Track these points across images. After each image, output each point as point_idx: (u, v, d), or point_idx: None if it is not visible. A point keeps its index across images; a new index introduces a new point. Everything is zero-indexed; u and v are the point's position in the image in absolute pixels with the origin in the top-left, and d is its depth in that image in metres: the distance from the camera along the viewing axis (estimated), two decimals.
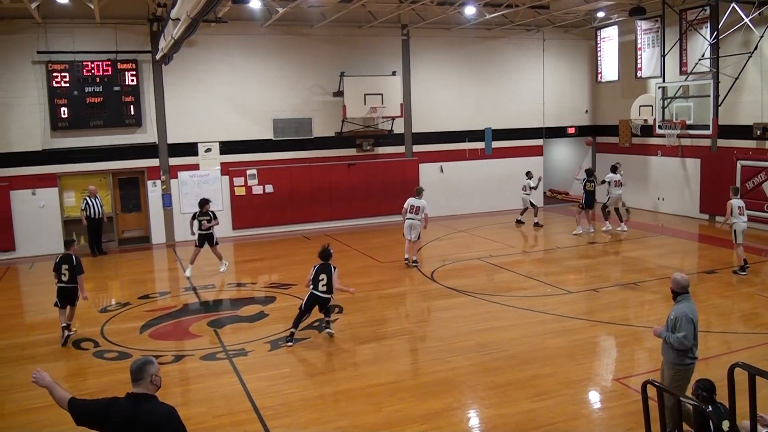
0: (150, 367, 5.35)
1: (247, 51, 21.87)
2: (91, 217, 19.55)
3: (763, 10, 19.42)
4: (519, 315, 13.09)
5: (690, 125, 21.23)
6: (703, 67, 21.13)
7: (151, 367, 5.36)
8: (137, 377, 5.33)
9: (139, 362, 5.40)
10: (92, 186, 19.93)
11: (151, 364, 5.38)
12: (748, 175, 20.76)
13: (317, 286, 11.86)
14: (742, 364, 6.31)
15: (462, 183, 25.08)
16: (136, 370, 5.34)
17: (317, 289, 11.82)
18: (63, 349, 11.80)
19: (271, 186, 22.40)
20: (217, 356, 11.23)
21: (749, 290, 14.46)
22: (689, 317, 7.44)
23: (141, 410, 5.19)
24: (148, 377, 5.32)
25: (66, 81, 19.55)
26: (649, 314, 12.57)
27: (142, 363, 5.37)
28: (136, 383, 5.33)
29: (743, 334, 11.63)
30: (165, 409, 5.27)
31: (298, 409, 9.09)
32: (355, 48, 23.12)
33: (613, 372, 10.41)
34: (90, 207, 19.49)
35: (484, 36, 24.98)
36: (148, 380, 5.31)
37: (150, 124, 20.93)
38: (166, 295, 15.57)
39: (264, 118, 22.29)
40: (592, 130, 27.59)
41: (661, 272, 16.02)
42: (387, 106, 22.37)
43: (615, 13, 23.87)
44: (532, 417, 8.63)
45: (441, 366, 10.52)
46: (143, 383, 5.31)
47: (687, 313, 7.47)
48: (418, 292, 15.23)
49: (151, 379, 5.33)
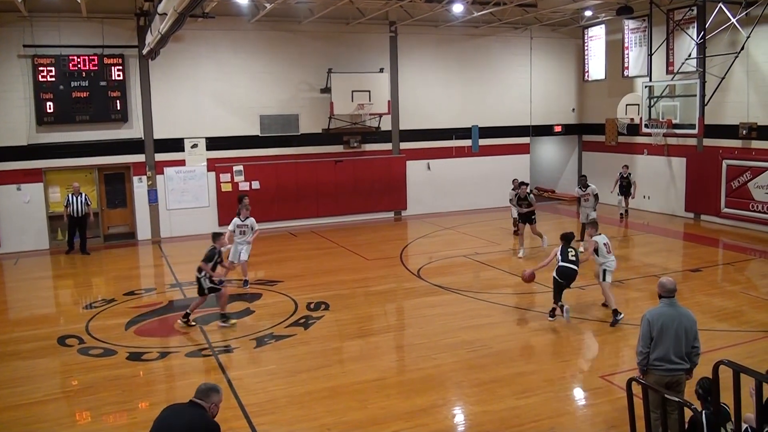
0: (215, 396, 5.89)
1: (234, 47, 21.78)
2: (72, 216, 19.12)
3: (750, 10, 19.53)
4: (504, 312, 13.12)
5: (676, 124, 21.31)
6: (690, 66, 21.21)
7: (216, 396, 5.90)
8: (201, 398, 5.82)
9: (209, 386, 5.95)
10: (76, 183, 19.63)
11: (216, 393, 5.92)
12: (734, 174, 20.89)
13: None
14: (727, 362, 6.33)
15: (449, 180, 25.09)
16: (204, 391, 5.88)
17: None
18: (48, 346, 11.71)
19: (258, 182, 22.33)
20: (203, 353, 11.20)
21: (734, 288, 14.57)
22: (647, 319, 7.35)
23: (196, 415, 5.72)
24: (210, 403, 5.83)
25: (52, 75, 19.39)
26: (634, 312, 12.60)
27: (210, 388, 5.92)
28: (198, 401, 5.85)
29: (728, 332, 11.71)
30: (214, 424, 5.80)
31: (284, 406, 9.08)
32: (342, 45, 23.08)
33: (598, 369, 10.45)
34: (71, 204, 19.07)
35: (471, 34, 25.00)
36: (209, 405, 5.82)
37: (136, 120, 20.81)
38: (152, 292, 15.51)
39: (251, 114, 22.21)
40: (579, 128, 27.71)
41: (646, 270, 16.12)
42: (374, 103, 22.34)
43: (602, 12, 23.94)
44: (517, 414, 8.66)
45: (427, 363, 10.54)
46: (204, 404, 5.81)
47: (646, 316, 7.40)
48: (404, 289, 15.23)
49: (210, 406, 5.83)
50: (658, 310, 7.39)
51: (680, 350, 7.26)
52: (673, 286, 7.46)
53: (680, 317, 7.32)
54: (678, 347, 7.25)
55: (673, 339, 7.24)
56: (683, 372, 7.33)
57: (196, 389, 5.91)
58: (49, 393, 9.78)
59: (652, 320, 7.33)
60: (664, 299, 7.44)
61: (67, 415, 9.14)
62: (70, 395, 9.80)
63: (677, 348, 7.24)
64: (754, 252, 18.16)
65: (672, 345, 7.23)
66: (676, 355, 7.24)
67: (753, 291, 14.39)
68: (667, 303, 7.41)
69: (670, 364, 7.25)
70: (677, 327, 7.26)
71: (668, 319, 7.28)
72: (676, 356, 7.24)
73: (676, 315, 7.33)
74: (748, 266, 16.91)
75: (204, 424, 5.72)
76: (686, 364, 7.31)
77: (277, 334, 12.04)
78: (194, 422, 5.71)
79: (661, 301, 7.46)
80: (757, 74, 20.09)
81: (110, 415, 9.01)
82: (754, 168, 20.25)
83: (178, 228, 21.51)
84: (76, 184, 19.49)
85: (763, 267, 16.90)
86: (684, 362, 7.29)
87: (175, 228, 21.51)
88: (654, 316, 7.34)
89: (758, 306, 13.20)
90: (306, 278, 16.13)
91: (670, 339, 7.24)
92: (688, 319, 7.36)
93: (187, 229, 21.46)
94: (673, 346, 7.23)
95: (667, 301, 7.42)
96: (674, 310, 7.37)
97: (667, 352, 7.23)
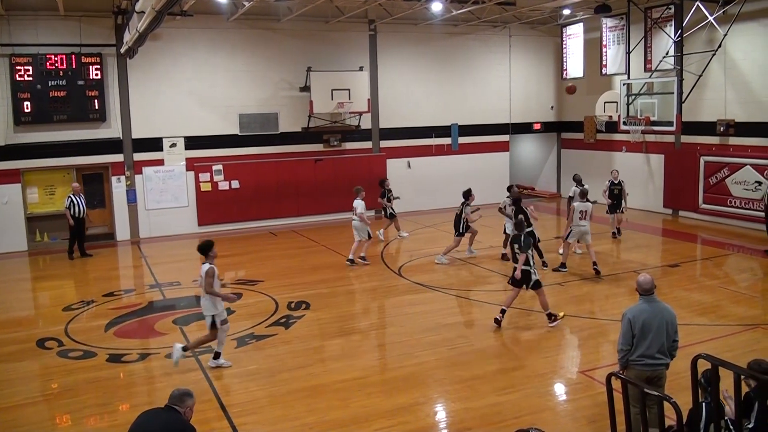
0: (189, 400, 6.06)
1: (212, 45, 21.67)
2: (77, 217, 18.60)
3: (727, 8, 19.69)
4: (485, 309, 13.16)
5: (654, 121, 21.48)
6: (668, 64, 21.38)
7: (190, 400, 6.08)
8: (175, 403, 5.99)
9: (182, 391, 6.11)
10: (76, 183, 19.40)
11: (190, 397, 6.09)
12: (712, 170, 21.10)
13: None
14: (705, 355, 6.39)
15: (429, 178, 25.10)
16: (177, 397, 6.02)
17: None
18: (27, 349, 11.60)
19: (238, 182, 22.24)
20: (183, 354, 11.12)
21: (712, 283, 14.72)
22: (628, 318, 7.39)
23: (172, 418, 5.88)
24: (185, 407, 6.00)
25: (29, 75, 19.18)
26: (614, 307, 12.70)
27: (183, 393, 6.07)
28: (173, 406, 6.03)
29: (707, 326, 11.82)
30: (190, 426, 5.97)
31: (266, 406, 9.06)
32: (322, 43, 23.03)
33: (579, 365, 10.52)
34: (75, 205, 18.56)
35: (450, 32, 25.04)
36: (183, 410, 5.98)
37: (114, 119, 20.65)
38: (131, 293, 15.41)
39: (230, 112, 22.11)
40: (558, 126, 27.86)
41: (625, 266, 16.24)
42: (354, 102, 22.33)
43: (581, 11, 24.05)
44: (499, 410, 8.70)
45: (408, 361, 10.55)
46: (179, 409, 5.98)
47: (627, 314, 7.45)
48: (385, 287, 15.22)
49: (186, 411, 6.00)
50: (639, 308, 7.43)
51: (662, 346, 7.32)
52: (650, 285, 7.48)
53: (661, 312, 7.38)
54: (660, 343, 7.31)
55: (656, 335, 7.29)
56: (664, 366, 7.40)
57: (170, 395, 6.04)
58: (28, 396, 9.68)
59: (633, 318, 7.37)
60: (642, 297, 7.49)
61: (48, 418, 9.06)
62: (50, 398, 9.70)
63: (659, 344, 7.30)
64: (731, 247, 18.36)
65: (654, 342, 7.29)
66: (659, 350, 7.31)
67: (731, 285, 14.54)
68: (646, 300, 7.45)
69: (652, 359, 7.31)
70: (659, 323, 7.31)
71: (649, 316, 7.33)
72: (658, 352, 7.31)
73: (657, 311, 7.38)
74: (726, 261, 17.08)
75: (180, 426, 5.81)
76: (667, 359, 7.38)
77: (258, 334, 12.00)
78: (171, 425, 5.78)
79: (641, 299, 7.50)
80: (735, 72, 20.27)
81: (91, 418, 8.95)
82: (732, 164, 20.45)
83: (157, 228, 21.39)
84: (77, 185, 19.20)
85: (740, 262, 17.09)
86: (665, 357, 7.36)
87: (154, 228, 21.38)
88: (635, 314, 7.39)
89: (736, 300, 13.35)
90: (286, 277, 16.10)
91: (652, 335, 7.29)
92: (669, 313, 7.42)
93: (167, 230, 21.38)
94: (655, 343, 7.29)
95: (646, 298, 7.46)
96: (654, 306, 7.41)
97: (650, 348, 7.29)
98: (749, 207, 19.92)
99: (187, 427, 5.89)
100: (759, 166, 19.53)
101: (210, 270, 10.13)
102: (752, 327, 11.72)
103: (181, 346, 10.40)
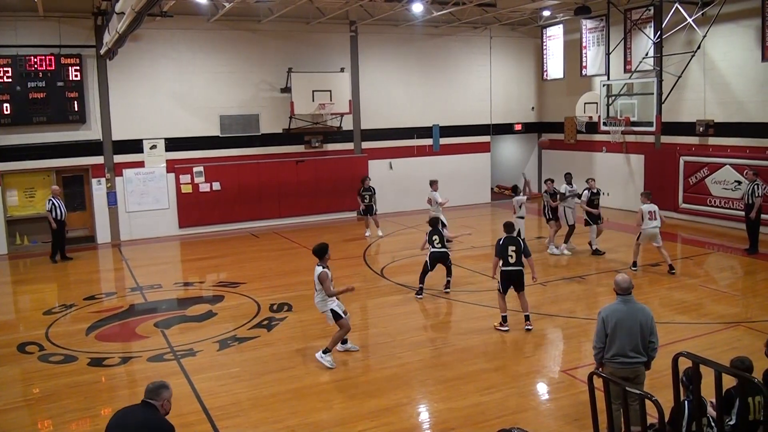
0: (164, 392, 5.95)
1: (193, 46, 21.56)
2: (59, 219, 18.39)
3: (706, 10, 19.89)
4: (467, 310, 13.20)
5: (634, 122, 21.64)
6: (647, 65, 21.53)
7: (166, 392, 5.96)
8: (151, 397, 5.89)
9: (157, 384, 5.98)
10: (56, 186, 19.29)
11: (166, 389, 5.98)
12: (691, 170, 21.27)
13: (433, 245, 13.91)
14: (686, 353, 6.43)
15: (411, 179, 25.07)
16: (153, 390, 5.92)
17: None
18: (7, 354, 11.47)
19: (219, 183, 22.14)
20: (165, 357, 11.07)
21: (693, 282, 14.84)
22: (602, 317, 7.47)
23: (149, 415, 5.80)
24: (161, 400, 5.90)
25: (9, 76, 18.97)
26: (595, 307, 12.72)
27: (159, 386, 5.96)
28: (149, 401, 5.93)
29: (687, 324, 11.90)
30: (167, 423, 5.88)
31: (248, 409, 9.02)
32: (303, 44, 22.99)
33: (561, 364, 10.57)
34: (56, 208, 18.36)
35: (432, 33, 25.08)
36: (160, 403, 5.89)
37: (94, 121, 20.50)
38: (112, 296, 15.29)
39: (210, 114, 22.02)
40: (538, 126, 27.96)
41: (606, 266, 16.34)
42: (335, 103, 22.29)
43: (560, 12, 24.19)
44: (482, 410, 8.72)
45: (391, 362, 10.56)
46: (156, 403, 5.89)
47: (601, 313, 7.53)
48: (367, 288, 15.20)
49: (163, 404, 5.90)
50: (613, 307, 7.51)
51: (636, 345, 7.36)
52: (627, 284, 7.53)
53: (635, 313, 7.42)
54: (634, 343, 7.35)
55: (628, 335, 7.35)
56: (641, 365, 7.43)
57: (146, 389, 5.97)
58: (9, 402, 9.58)
59: (606, 317, 7.45)
60: (619, 296, 7.54)
61: (29, 423, 8.97)
62: (32, 403, 9.60)
63: (633, 344, 7.35)
64: (711, 246, 18.52)
65: (627, 341, 7.34)
66: (633, 350, 7.35)
67: (712, 284, 14.68)
68: (622, 300, 7.51)
69: (627, 358, 7.36)
70: (632, 324, 7.36)
71: (623, 316, 7.39)
72: (632, 351, 7.35)
73: (632, 311, 7.43)
74: (707, 260, 17.22)
75: (158, 424, 5.78)
76: (644, 357, 7.41)
77: (240, 337, 11.96)
78: (148, 421, 5.75)
79: (618, 298, 7.56)
80: (714, 72, 20.44)
81: (73, 423, 8.87)
82: (711, 164, 20.62)
83: (138, 231, 21.26)
84: (56, 187, 19.07)
85: (720, 260, 17.25)
86: (641, 356, 7.39)
87: (135, 231, 21.25)
88: (608, 314, 7.47)
89: (717, 299, 13.46)
90: (268, 279, 16.06)
91: (624, 335, 7.34)
92: (643, 314, 7.45)
93: (147, 232, 21.28)
94: (628, 342, 7.34)
95: (622, 298, 7.51)
96: (629, 306, 7.46)
97: (623, 348, 7.34)
98: (729, 206, 20.10)
99: (165, 424, 5.81)
100: (738, 165, 19.71)
101: (323, 274, 10.45)
102: (733, 325, 11.83)
103: (320, 353, 10.52)
